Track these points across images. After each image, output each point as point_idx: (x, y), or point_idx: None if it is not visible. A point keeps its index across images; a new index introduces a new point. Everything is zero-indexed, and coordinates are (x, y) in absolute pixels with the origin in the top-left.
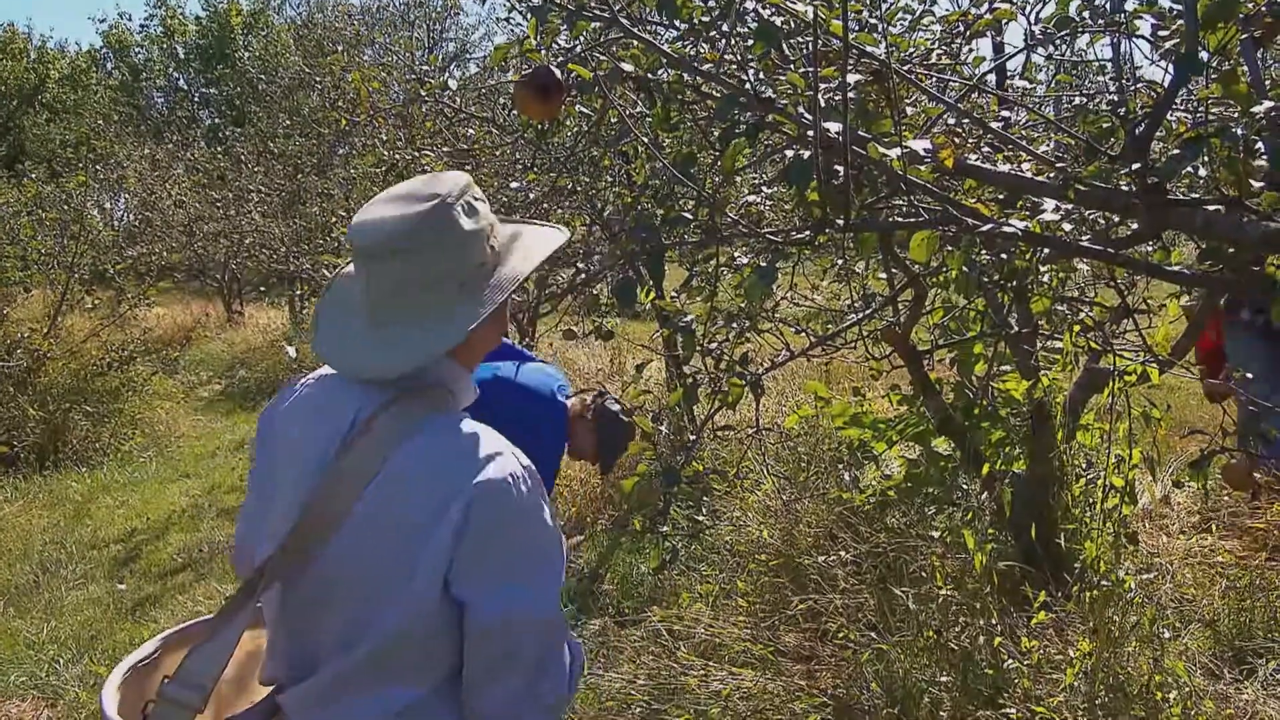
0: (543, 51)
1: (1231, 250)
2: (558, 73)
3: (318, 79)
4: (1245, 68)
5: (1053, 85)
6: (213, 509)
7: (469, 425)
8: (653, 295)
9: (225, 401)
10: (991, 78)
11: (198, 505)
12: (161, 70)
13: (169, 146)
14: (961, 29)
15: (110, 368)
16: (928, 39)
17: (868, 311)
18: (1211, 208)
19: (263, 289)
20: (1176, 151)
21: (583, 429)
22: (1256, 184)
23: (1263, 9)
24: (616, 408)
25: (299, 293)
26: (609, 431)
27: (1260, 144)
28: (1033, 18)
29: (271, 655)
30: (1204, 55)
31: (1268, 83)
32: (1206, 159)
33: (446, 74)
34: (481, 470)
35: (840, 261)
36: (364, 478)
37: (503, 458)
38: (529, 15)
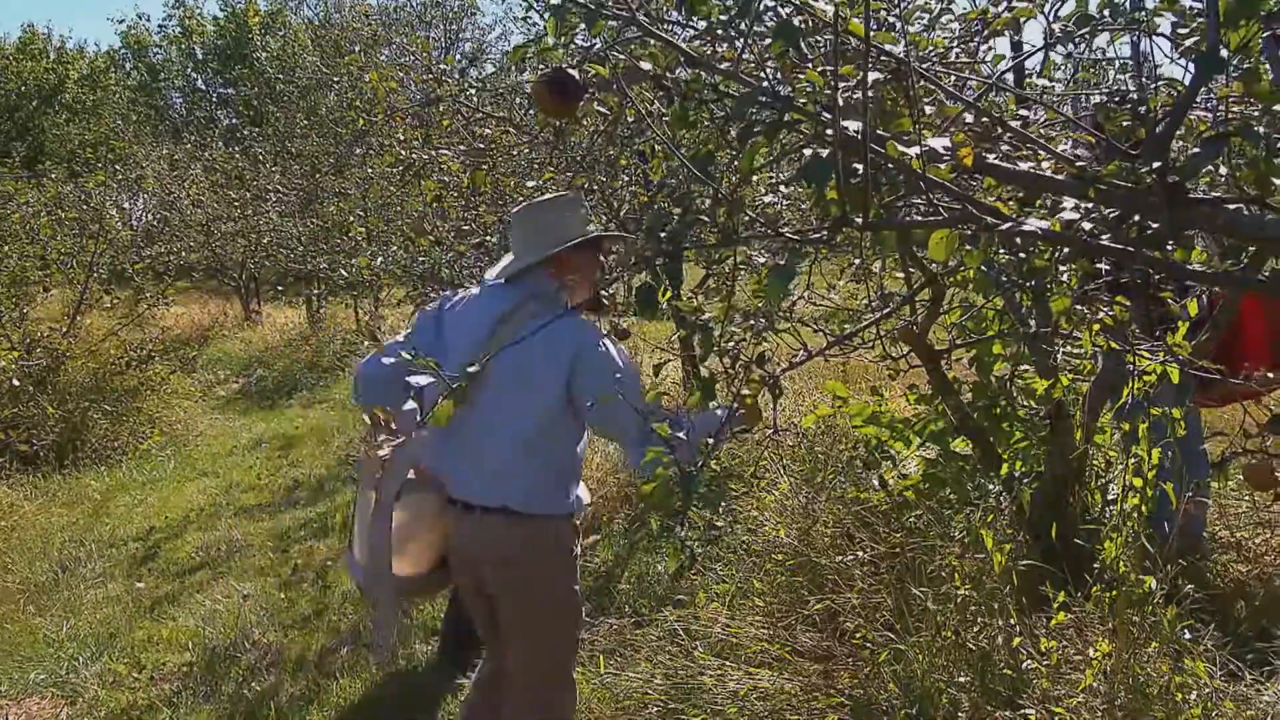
0: (561, 51)
1: (1254, 249)
2: (575, 73)
3: (335, 79)
4: (1267, 66)
5: (1072, 84)
6: (230, 508)
7: (573, 316)
8: (670, 295)
9: (243, 400)
10: (1010, 76)
11: (215, 504)
12: (179, 71)
13: (187, 146)
14: (980, 27)
15: (129, 367)
16: (946, 38)
17: (885, 311)
18: (1233, 206)
19: (280, 288)
20: (1197, 150)
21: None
22: (1278, 182)
23: None
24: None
25: (316, 292)
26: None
27: None
28: (1052, 15)
29: (441, 459)
30: (1225, 53)
31: None
32: (1228, 157)
33: (465, 76)
34: (582, 336)
35: (857, 261)
36: (504, 344)
37: (592, 330)
38: (547, 14)
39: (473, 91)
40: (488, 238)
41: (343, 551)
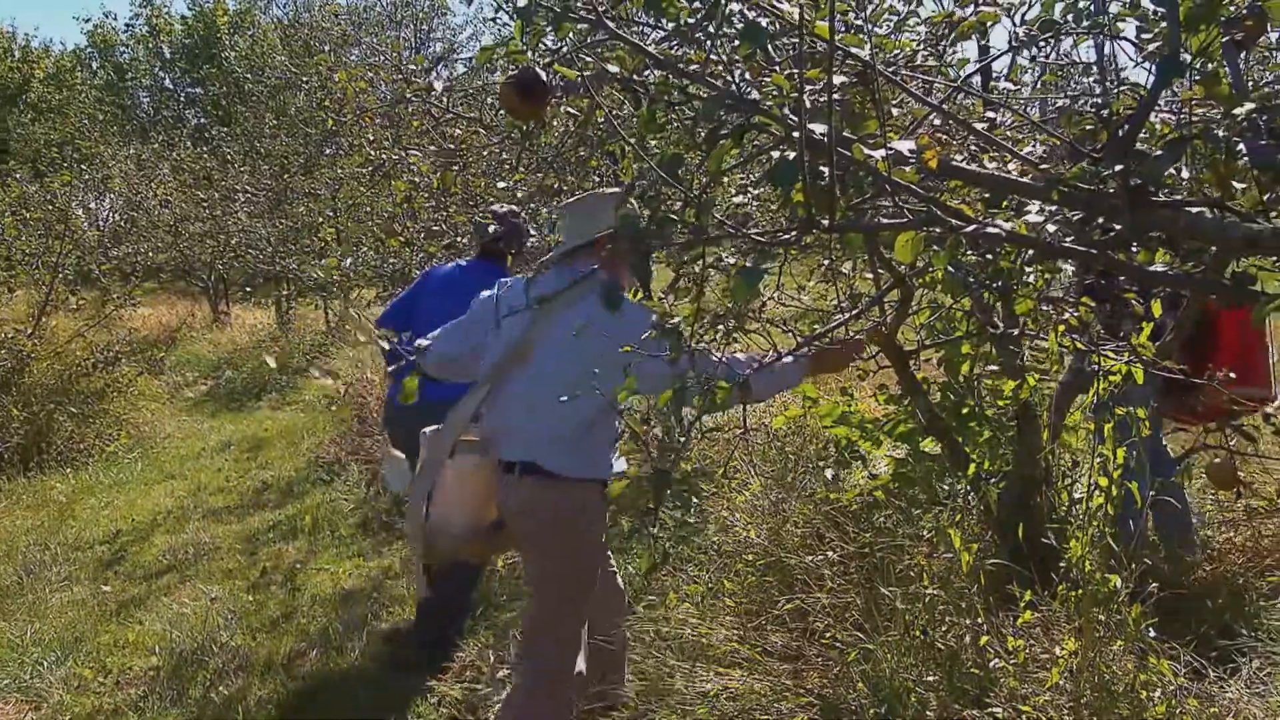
0: (529, 53)
1: (1215, 251)
2: (543, 74)
3: (304, 79)
4: (1227, 69)
5: (1038, 87)
6: (198, 510)
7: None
8: (640, 296)
9: (211, 402)
10: (977, 79)
11: (183, 506)
12: (147, 70)
13: (154, 146)
14: (946, 31)
15: (95, 368)
16: (913, 40)
17: (854, 312)
18: (1195, 209)
19: (249, 289)
20: (1159, 153)
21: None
22: (1239, 185)
23: (1244, 11)
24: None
25: (285, 293)
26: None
27: (1242, 145)
28: (1018, 19)
29: (491, 420)
30: (1187, 57)
31: (1250, 84)
32: (1190, 160)
33: (433, 75)
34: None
35: (827, 262)
36: (551, 318)
37: (630, 304)
38: (514, 17)
39: (439, 88)
40: (458, 238)
41: (312, 553)
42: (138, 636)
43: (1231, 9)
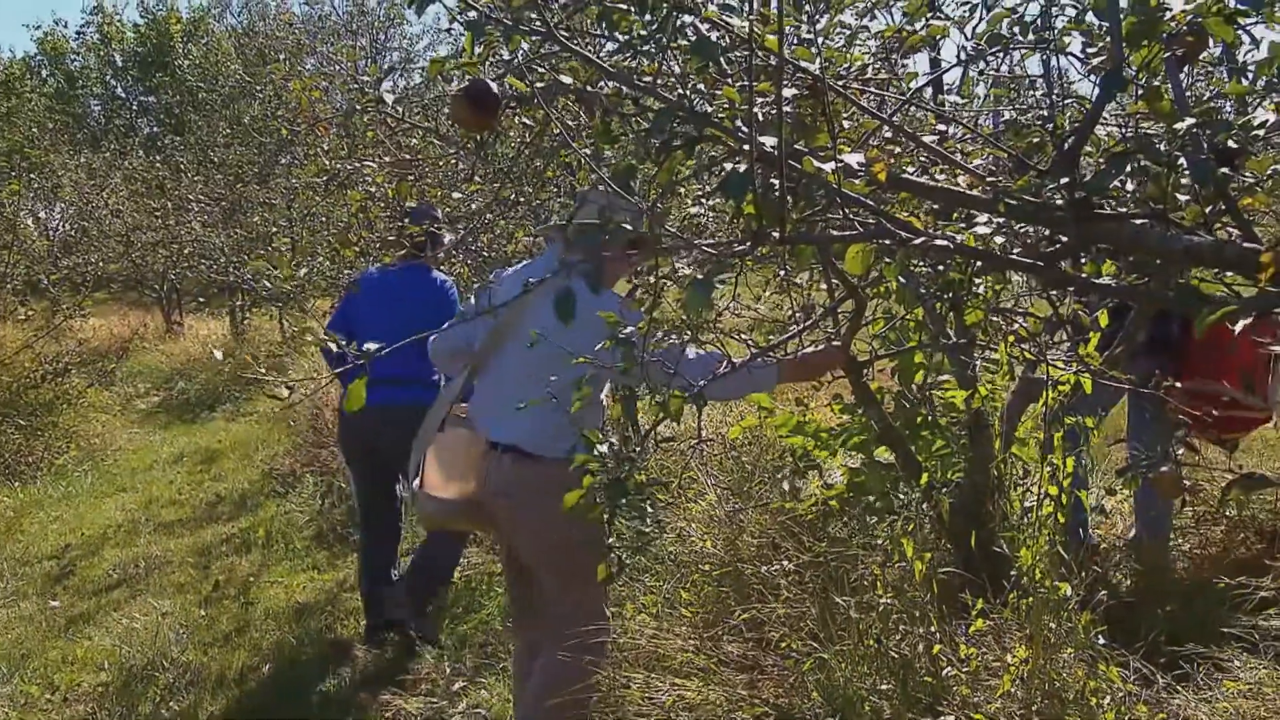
0: (485, 65)
1: (1158, 263)
2: (494, 85)
3: (259, 88)
4: (1169, 85)
5: (988, 100)
6: (150, 523)
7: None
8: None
9: (163, 414)
10: (929, 92)
11: (134, 520)
12: (98, 78)
13: (106, 155)
14: (897, 44)
15: (44, 380)
16: (864, 54)
17: (808, 322)
18: (1138, 222)
19: (203, 300)
20: (1104, 166)
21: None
22: (1183, 198)
23: (1184, 28)
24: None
25: (240, 303)
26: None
27: (1183, 160)
28: (970, 33)
29: (476, 403)
30: (1131, 72)
31: (1194, 99)
32: (1135, 174)
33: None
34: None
35: (783, 273)
36: (525, 308)
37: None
38: (465, 29)
39: (389, 99)
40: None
41: (265, 566)
42: (86, 652)
43: (1173, 25)
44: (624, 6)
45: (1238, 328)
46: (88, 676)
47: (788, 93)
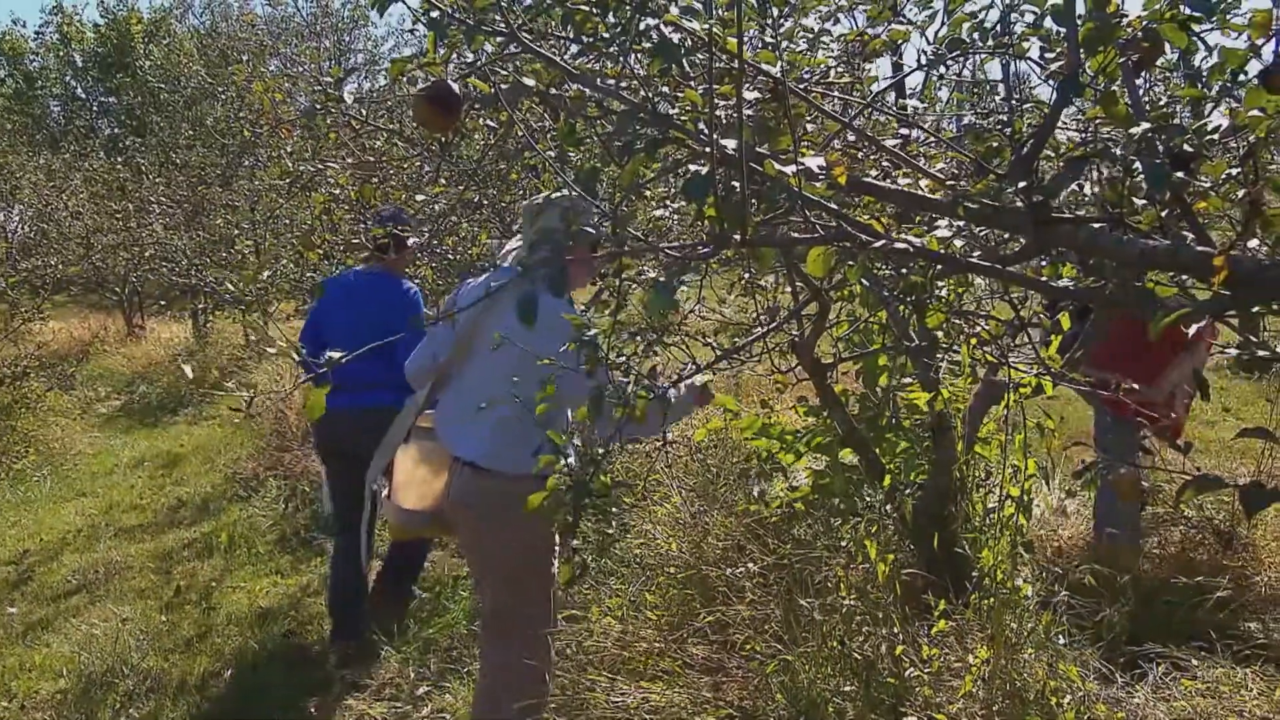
0: (448, 65)
1: (1115, 266)
2: (456, 86)
3: (221, 89)
4: (1125, 90)
5: (950, 104)
6: (110, 528)
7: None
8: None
9: (124, 418)
10: (892, 95)
11: (94, 525)
12: (58, 79)
13: (66, 157)
14: (859, 48)
15: (2, 384)
16: (827, 57)
17: (772, 325)
18: (1095, 225)
19: (164, 303)
20: (1060, 170)
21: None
22: (1139, 201)
23: (1140, 34)
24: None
25: (202, 306)
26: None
27: (1138, 164)
28: (932, 37)
29: (439, 417)
30: (1089, 77)
31: (1147, 104)
32: (1093, 177)
33: (346, 84)
34: (554, 306)
35: (747, 275)
36: (488, 316)
37: (566, 305)
38: (428, 29)
39: (349, 100)
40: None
41: (228, 571)
42: (45, 659)
43: (1129, 31)
44: (587, 8)
45: (1191, 330)
46: (46, 684)
47: (749, 95)
